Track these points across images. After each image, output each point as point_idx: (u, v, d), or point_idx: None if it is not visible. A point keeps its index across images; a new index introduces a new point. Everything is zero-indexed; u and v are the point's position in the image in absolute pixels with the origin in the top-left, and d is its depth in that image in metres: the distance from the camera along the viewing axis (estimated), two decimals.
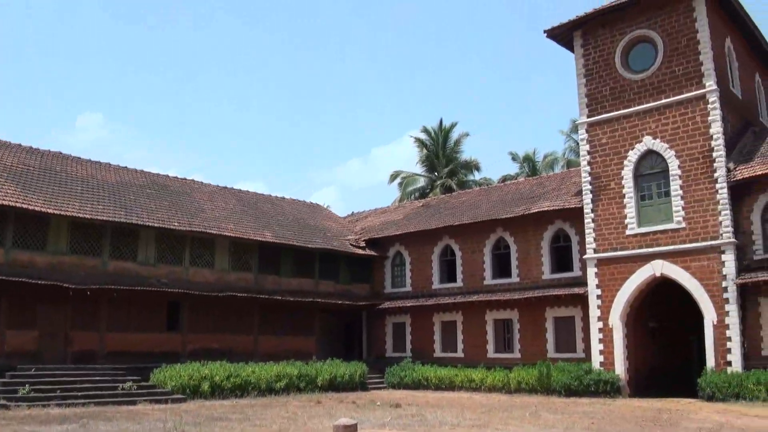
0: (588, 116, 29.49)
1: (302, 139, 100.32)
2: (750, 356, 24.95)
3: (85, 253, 27.58)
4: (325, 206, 45.85)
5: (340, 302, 35.24)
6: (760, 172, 25.37)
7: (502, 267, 33.32)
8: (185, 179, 36.41)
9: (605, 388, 26.80)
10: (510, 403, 25.01)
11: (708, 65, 26.74)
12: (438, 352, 34.46)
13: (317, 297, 34.45)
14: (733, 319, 25.02)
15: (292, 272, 34.67)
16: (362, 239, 38.15)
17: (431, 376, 32.18)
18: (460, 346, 33.74)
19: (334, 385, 30.90)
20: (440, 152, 59.48)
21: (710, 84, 26.55)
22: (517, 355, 31.61)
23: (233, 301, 31.05)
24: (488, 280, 33.39)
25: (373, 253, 37.39)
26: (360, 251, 37.12)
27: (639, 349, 28.25)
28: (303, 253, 35.00)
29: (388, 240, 37.54)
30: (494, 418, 19.80)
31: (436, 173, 59.33)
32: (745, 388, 23.65)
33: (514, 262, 32.65)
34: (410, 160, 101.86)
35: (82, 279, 26.70)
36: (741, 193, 26.05)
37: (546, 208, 31.05)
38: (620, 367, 27.23)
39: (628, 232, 27.77)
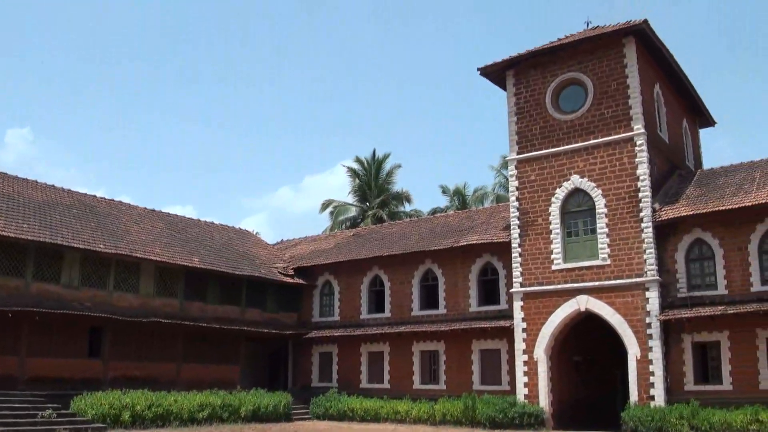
0: (518, 153, 30.12)
1: (234, 164, 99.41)
2: (673, 391, 25.71)
3: (8, 273, 26.71)
4: (254, 233, 45.57)
5: (266, 331, 34.83)
6: (684, 214, 26.37)
7: (430, 298, 33.55)
8: (113, 200, 35.71)
9: (529, 420, 27.15)
10: None
11: (637, 109, 27.72)
12: (364, 383, 34.36)
13: (243, 325, 34.04)
14: (656, 355, 25.80)
15: (219, 299, 34.24)
16: (291, 267, 37.98)
17: (357, 407, 32.03)
18: (386, 377, 33.74)
19: (258, 416, 30.44)
20: (372, 182, 59.80)
21: (638, 127, 27.51)
22: (442, 386, 31.74)
23: (157, 327, 30.49)
24: (416, 311, 33.53)
25: (301, 281, 37.23)
26: (288, 279, 36.93)
27: (563, 382, 28.81)
28: (230, 280, 34.62)
29: (317, 269, 37.45)
30: None
31: (367, 203, 59.54)
32: (668, 422, 24.25)
33: (441, 294, 32.90)
34: (343, 189, 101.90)
35: (3, 300, 25.88)
36: (666, 232, 27.02)
37: (474, 242, 31.47)
38: (544, 400, 27.69)
39: (554, 267, 28.37)
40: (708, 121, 36.30)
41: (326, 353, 36.28)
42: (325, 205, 60.15)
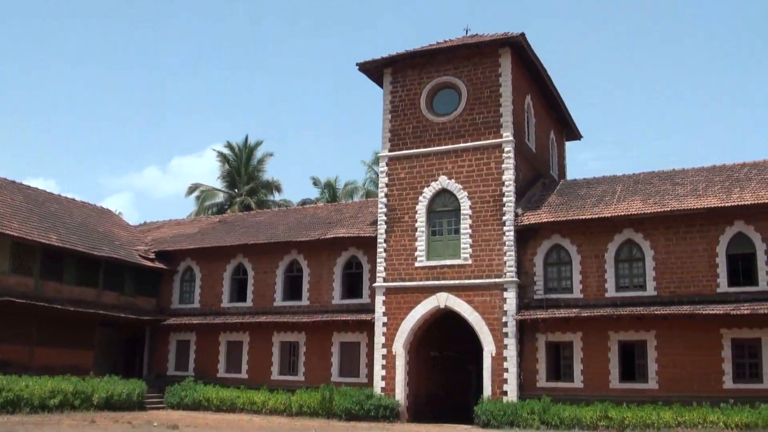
0: (390, 150, 30.50)
1: (99, 139, 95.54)
2: (526, 387, 26.91)
3: None
4: (116, 213, 44.15)
5: (123, 315, 33.71)
6: (545, 220, 27.63)
7: (293, 289, 33.45)
8: None
9: (385, 413, 27.55)
10: (290, 426, 25.10)
11: (507, 117, 28.66)
12: (222, 372, 33.85)
13: (99, 308, 32.74)
14: (511, 352, 26.89)
15: (76, 280, 32.79)
16: (152, 251, 36.92)
17: (213, 396, 31.54)
18: (244, 366, 33.36)
19: (111, 404, 29.40)
20: (242, 169, 59.03)
21: (507, 135, 28.45)
22: (301, 378, 31.73)
23: (10, 307, 28.87)
24: (279, 301, 33.35)
25: (162, 266, 36.28)
26: (149, 263, 35.92)
27: (420, 376, 29.41)
28: (88, 261, 33.30)
29: (179, 254, 36.62)
30: None
31: (236, 190, 58.76)
32: (519, 416, 25.40)
33: (305, 286, 32.87)
34: (212, 174, 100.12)
35: None
36: (527, 237, 28.20)
37: (341, 235, 31.64)
38: (401, 393, 28.18)
39: (417, 264, 28.92)
40: (575, 135, 38.06)
41: (184, 341, 35.51)
42: (191, 189, 58.87)
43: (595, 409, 24.94)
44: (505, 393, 26.66)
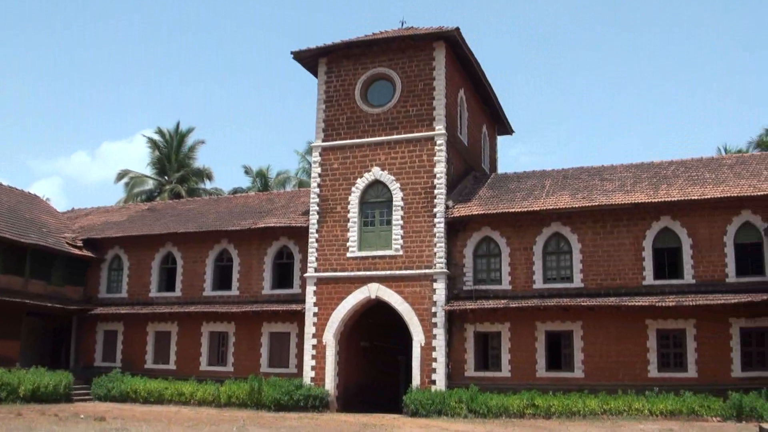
0: (323, 141, 30.42)
1: (25, 121, 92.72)
2: (454, 376, 27.35)
3: None
4: (44, 198, 43.06)
5: (50, 305, 32.87)
6: (476, 213, 28.02)
7: (223, 279, 33.12)
8: None
9: (314, 403, 27.59)
10: (219, 417, 24.89)
11: (440, 111, 28.91)
12: (150, 364, 33.27)
13: (26, 297, 31.82)
14: (439, 342, 27.23)
15: (2, 269, 31.69)
16: (80, 238, 36.06)
17: (140, 388, 31.01)
18: (173, 357, 32.87)
19: (38, 396, 28.69)
20: (173, 156, 57.99)
21: (440, 128, 28.72)
22: (230, 368, 31.43)
23: None
24: (208, 291, 32.96)
25: (90, 254, 35.49)
26: (76, 251, 35.09)
27: (350, 366, 29.51)
28: (15, 248, 32.29)
29: (107, 242, 35.85)
30: None
31: (166, 177, 57.71)
32: (447, 405, 25.77)
33: (235, 275, 32.55)
34: (142, 160, 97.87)
35: None
36: (457, 229, 28.57)
37: (273, 224, 31.41)
38: (330, 383, 28.23)
39: (348, 255, 28.97)
40: (506, 129, 38.61)
41: (111, 331, 34.75)
42: (121, 176, 57.57)
43: (522, 397, 25.50)
44: (434, 382, 27.00)
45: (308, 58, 31.23)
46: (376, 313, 29.71)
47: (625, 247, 26.98)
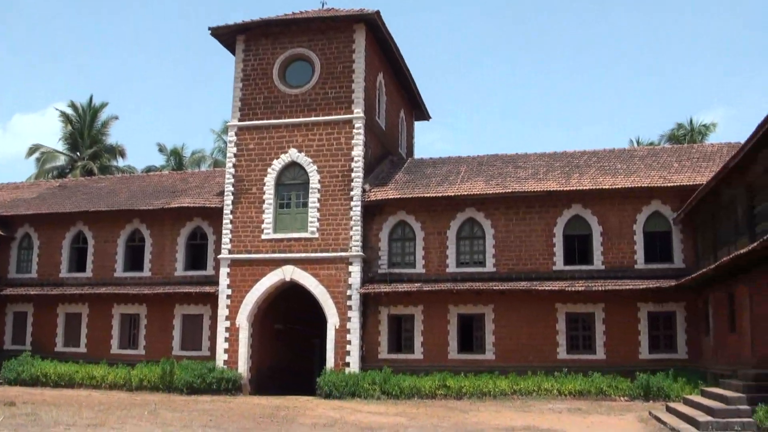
0: (239, 120, 30.01)
1: None
2: (368, 359, 27.60)
3: None
4: None
5: None
6: (392, 197, 28.21)
7: (135, 260, 32.40)
8: None
9: (227, 386, 27.41)
10: (130, 401, 24.49)
11: (359, 94, 28.83)
12: (60, 347, 32.37)
13: None
14: (354, 325, 27.43)
15: None
16: None
17: (51, 372, 30.18)
18: (83, 340, 32.06)
19: None
20: (86, 131, 56.30)
21: (358, 111, 28.66)
22: (141, 351, 30.89)
23: None
24: (119, 272, 32.21)
25: None
26: None
27: (264, 349, 29.43)
28: None
29: (17, 219, 34.56)
30: (112, 416, 19.34)
31: (78, 153, 56.06)
32: (361, 387, 25.99)
33: (147, 256, 31.89)
34: (54, 134, 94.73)
35: None
36: (373, 212, 28.69)
37: (186, 204, 30.88)
38: (243, 366, 28.08)
39: (263, 237, 28.75)
40: (424, 115, 38.80)
41: (21, 313, 33.64)
42: (32, 150, 55.55)
43: (434, 378, 25.91)
44: (348, 364, 27.18)
45: (226, 35, 30.72)
46: (290, 296, 29.63)
47: (537, 233, 27.57)
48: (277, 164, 29.14)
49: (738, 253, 18.61)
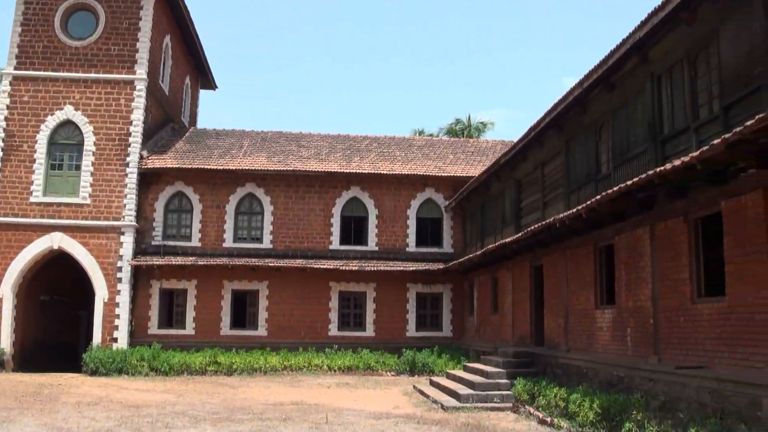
0: (15, 68, 27.84)
1: None
2: (137, 334, 26.82)
3: None
4: None
5: None
6: (170, 166, 27.48)
7: None
8: None
9: None
10: None
11: (143, 54, 27.65)
12: None
13: None
14: (123, 298, 26.50)
15: None
16: None
17: None
18: None
19: None
20: None
21: (141, 72, 27.52)
22: None
23: None
24: None
25: None
26: None
27: (28, 322, 27.53)
28: None
29: None
30: None
31: None
32: (129, 363, 25.01)
33: None
34: None
35: None
36: (150, 181, 27.82)
37: None
38: (6, 341, 26.06)
39: (32, 200, 26.94)
40: (210, 84, 37.85)
41: None
42: None
43: (204, 355, 25.64)
44: (116, 340, 26.27)
45: None
46: (58, 265, 28.02)
47: (316, 212, 28.10)
48: (52, 121, 27.42)
49: (503, 241, 20.02)
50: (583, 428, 12.55)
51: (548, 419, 13.81)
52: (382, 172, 27.78)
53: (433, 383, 20.69)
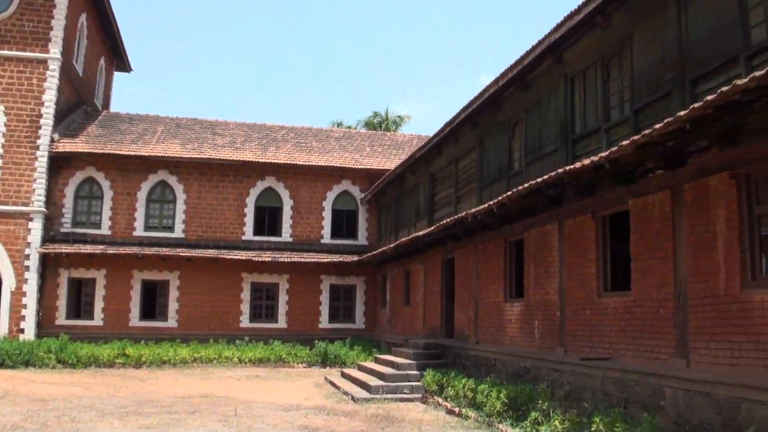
0: None
1: None
2: (45, 325, 25.92)
3: None
4: None
5: None
6: (82, 150, 26.70)
7: None
8: None
9: None
10: None
11: (58, 32, 26.68)
12: None
13: None
14: (31, 288, 25.55)
15: None
16: None
17: None
18: None
19: None
20: None
21: (55, 51, 26.57)
22: None
23: None
24: None
25: None
26: None
27: None
28: None
29: None
30: None
31: None
32: (36, 355, 23.87)
33: None
34: None
35: None
36: (60, 165, 26.94)
37: None
38: None
39: None
40: (125, 66, 36.69)
41: None
42: None
43: (113, 347, 24.87)
44: (23, 331, 25.31)
45: None
46: None
47: (229, 202, 27.83)
48: None
49: (416, 234, 20.27)
50: (490, 418, 12.84)
51: (456, 409, 14.06)
52: (298, 162, 27.69)
53: (344, 375, 20.76)
